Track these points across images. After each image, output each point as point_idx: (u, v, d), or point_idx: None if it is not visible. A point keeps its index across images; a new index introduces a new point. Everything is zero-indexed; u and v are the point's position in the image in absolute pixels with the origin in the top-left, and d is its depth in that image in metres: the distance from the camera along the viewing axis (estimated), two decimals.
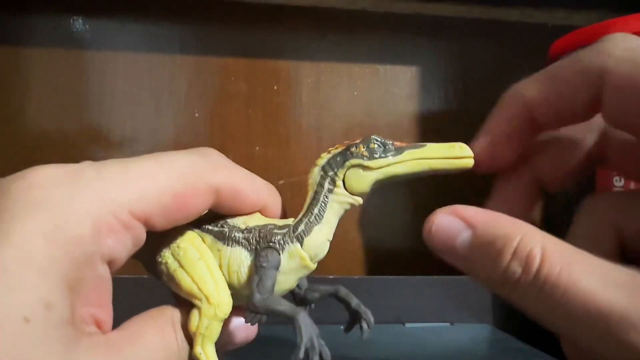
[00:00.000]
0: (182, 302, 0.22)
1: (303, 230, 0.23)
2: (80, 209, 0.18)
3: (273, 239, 0.22)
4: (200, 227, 0.23)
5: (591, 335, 0.18)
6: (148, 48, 0.55)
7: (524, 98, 0.22)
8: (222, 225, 0.23)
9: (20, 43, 0.53)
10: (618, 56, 0.20)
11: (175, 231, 0.23)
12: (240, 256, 0.23)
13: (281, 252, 0.22)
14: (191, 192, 0.21)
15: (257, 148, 0.57)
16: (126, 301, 0.22)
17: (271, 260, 0.22)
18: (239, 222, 0.23)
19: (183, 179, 0.21)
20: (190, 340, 0.22)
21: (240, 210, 0.23)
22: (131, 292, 0.33)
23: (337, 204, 0.23)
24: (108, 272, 0.20)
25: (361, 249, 0.58)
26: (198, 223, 0.23)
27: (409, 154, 0.22)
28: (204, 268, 0.22)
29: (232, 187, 0.22)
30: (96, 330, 0.19)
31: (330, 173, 0.23)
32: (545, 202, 0.52)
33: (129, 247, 0.20)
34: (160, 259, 0.23)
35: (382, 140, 0.23)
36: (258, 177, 0.24)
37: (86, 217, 0.18)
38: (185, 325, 0.22)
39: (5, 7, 0.52)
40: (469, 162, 0.23)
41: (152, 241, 0.22)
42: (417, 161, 0.22)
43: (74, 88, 0.54)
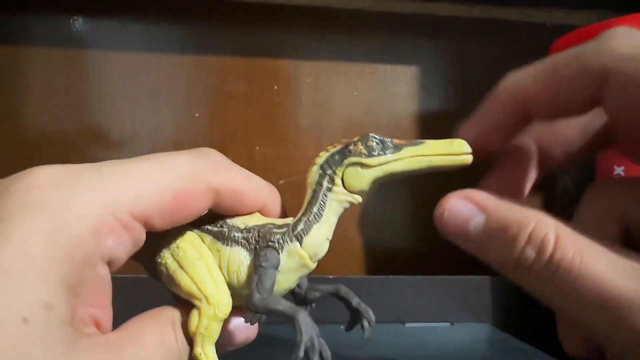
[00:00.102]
0: (182, 303, 0.22)
1: (302, 229, 0.23)
2: (80, 210, 0.18)
3: (272, 239, 0.22)
4: (199, 227, 0.23)
5: (600, 319, 0.19)
6: (147, 48, 0.55)
7: (521, 89, 0.22)
8: (222, 225, 0.23)
9: (19, 43, 0.53)
10: (621, 54, 0.19)
11: (174, 231, 0.22)
12: (239, 256, 0.22)
13: (280, 252, 0.22)
14: (191, 193, 0.21)
15: (257, 148, 0.57)
16: (126, 301, 0.22)
17: (270, 259, 0.22)
18: (239, 222, 0.23)
19: (183, 180, 0.21)
20: (190, 340, 0.22)
21: (239, 210, 0.23)
22: (131, 292, 0.33)
23: (336, 203, 0.23)
24: (108, 273, 0.20)
25: (361, 249, 0.58)
26: (197, 223, 0.23)
27: (408, 151, 0.22)
28: (204, 268, 0.22)
29: (232, 188, 0.22)
30: (95, 330, 0.19)
31: (329, 171, 0.23)
32: (545, 201, 0.52)
33: (129, 248, 0.20)
34: (159, 260, 0.23)
35: (381, 137, 0.23)
36: (258, 177, 0.24)
37: (86, 218, 0.18)
38: (185, 325, 0.22)
39: (5, 7, 0.52)
40: (468, 159, 0.23)
41: (152, 242, 0.22)
42: (416, 158, 0.22)
43: (74, 88, 0.54)
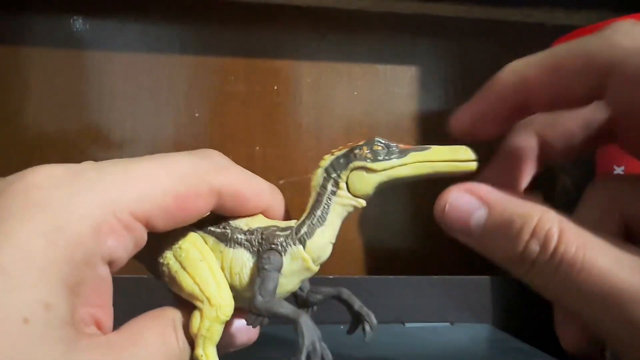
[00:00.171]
0: (184, 303, 0.22)
1: (306, 232, 0.23)
2: (80, 210, 0.18)
3: (275, 241, 0.22)
4: (202, 229, 0.23)
5: (603, 313, 0.19)
6: (147, 48, 0.55)
7: (522, 79, 0.22)
8: (225, 226, 0.23)
9: (19, 43, 0.53)
10: (626, 48, 0.19)
11: (177, 232, 0.22)
12: (242, 258, 0.22)
13: (283, 254, 0.22)
14: (193, 194, 0.21)
15: (257, 148, 0.57)
16: (126, 301, 0.22)
17: (273, 262, 0.22)
18: (242, 224, 0.23)
19: (185, 181, 0.21)
20: (191, 341, 0.21)
21: (242, 212, 0.23)
22: (131, 292, 0.33)
23: (340, 206, 0.23)
24: (108, 273, 0.19)
25: (361, 249, 0.58)
26: (200, 224, 0.23)
27: (413, 157, 0.22)
28: (206, 269, 0.22)
29: (234, 189, 0.22)
30: (96, 331, 0.19)
31: (333, 175, 0.23)
32: (544, 200, 0.52)
33: (130, 248, 0.20)
34: (161, 260, 0.23)
35: (386, 142, 0.23)
36: (261, 179, 0.23)
37: (86, 218, 0.18)
38: (186, 326, 0.21)
39: (5, 7, 0.52)
40: (473, 166, 0.22)
41: (154, 242, 0.22)
42: (421, 164, 0.22)
43: (74, 88, 0.54)
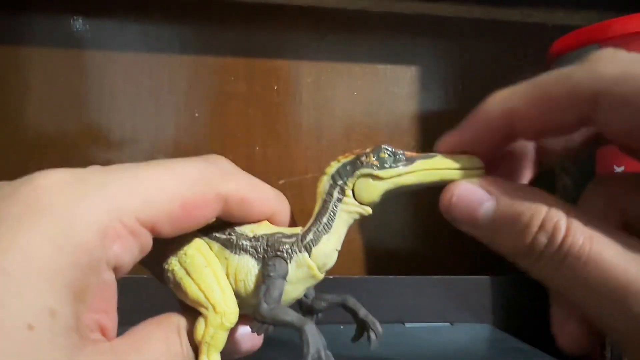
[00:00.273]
0: (188, 309, 0.22)
1: (311, 239, 0.22)
2: (86, 215, 0.18)
3: (281, 248, 0.22)
4: (207, 235, 0.23)
5: (607, 306, 0.19)
6: (148, 48, 0.55)
7: (508, 108, 0.22)
8: (230, 233, 0.23)
9: (20, 43, 0.53)
10: (610, 75, 0.19)
11: (182, 238, 0.22)
12: (247, 265, 0.22)
13: (289, 262, 0.22)
14: (199, 200, 0.21)
15: (257, 148, 0.57)
16: (126, 301, 0.22)
17: (279, 269, 0.22)
18: (247, 230, 0.23)
19: (191, 187, 0.21)
20: (195, 348, 0.21)
21: (248, 218, 0.23)
22: (132, 292, 0.33)
23: (346, 214, 0.23)
24: (113, 278, 0.19)
25: (361, 249, 0.58)
26: (205, 230, 0.23)
27: (420, 165, 0.22)
28: (211, 276, 0.22)
29: (241, 196, 0.22)
30: (101, 337, 0.19)
31: (339, 182, 0.23)
32: None
33: (135, 254, 0.20)
34: (166, 266, 0.23)
35: (393, 149, 0.22)
36: (267, 185, 0.23)
37: (92, 223, 0.18)
38: (191, 333, 0.21)
39: (5, 7, 0.52)
40: (479, 174, 0.22)
41: (159, 248, 0.22)
42: (428, 172, 0.22)
43: (74, 88, 0.54)
